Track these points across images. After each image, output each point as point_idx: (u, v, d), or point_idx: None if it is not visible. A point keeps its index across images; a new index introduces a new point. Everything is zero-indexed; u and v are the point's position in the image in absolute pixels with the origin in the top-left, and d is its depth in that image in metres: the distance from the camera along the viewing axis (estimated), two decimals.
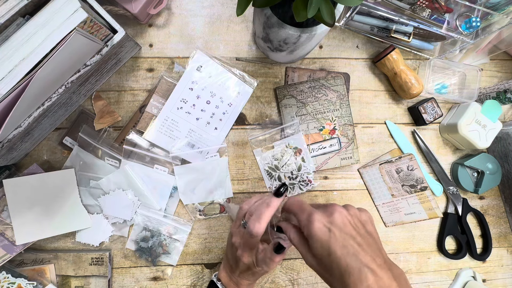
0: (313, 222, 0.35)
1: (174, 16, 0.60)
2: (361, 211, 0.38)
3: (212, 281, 0.49)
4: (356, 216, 0.37)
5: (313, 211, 0.36)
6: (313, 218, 0.35)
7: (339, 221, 0.35)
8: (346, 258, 0.32)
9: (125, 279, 0.58)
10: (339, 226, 0.35)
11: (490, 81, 0.66)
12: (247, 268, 0.44)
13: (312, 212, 0.36)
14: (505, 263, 0.65)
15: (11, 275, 0.53)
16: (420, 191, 0.61)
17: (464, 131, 0.59)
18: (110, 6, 0.50)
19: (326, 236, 0.34)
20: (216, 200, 0.59)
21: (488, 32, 0.54)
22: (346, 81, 0.62)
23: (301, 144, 0.60)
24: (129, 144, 0.56)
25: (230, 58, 0.61)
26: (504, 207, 0.66)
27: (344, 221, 0.35)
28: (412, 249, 0.63)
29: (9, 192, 0.53)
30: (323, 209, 0.37)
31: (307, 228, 0.36)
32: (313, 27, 0.46)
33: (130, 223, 0.57)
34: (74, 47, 0.43)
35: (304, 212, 0.37)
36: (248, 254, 0.43)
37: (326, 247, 0.34)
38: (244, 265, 0.44)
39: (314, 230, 0.35)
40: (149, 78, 0.59)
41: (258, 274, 0.46)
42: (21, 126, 0.46)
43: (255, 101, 0.61)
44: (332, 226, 0.35)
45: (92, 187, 0.56)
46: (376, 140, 0.63)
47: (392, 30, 0.58)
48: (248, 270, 0.45)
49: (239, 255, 0.44)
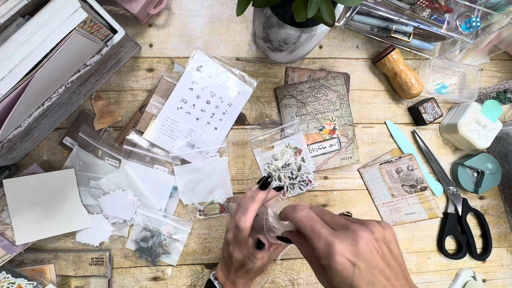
0: (334, 256, 0.29)
1: (174, 16, 0.60)
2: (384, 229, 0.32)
3: (209, 279, 0.49)
4: (383, 239, 0.31)
5: (332, 239, 0.30)
6: (333, 250, 0.29)
7: (366, 252, 0.29)
8: None
9: (125, 279, 0.58)
10: (366, 259, 0.29)
11: (490, 81, 0.66)
12: (241, 265, 0.44)
13: (332, 241, 0.30)
14: (505, 263, 0.65)
15: (11, 275, 0.53)
16: (420, 191, 0.61)
17: (464, 131, 0.59)
18: (110, 6, 0.50)
19: (350, 273, 0.29)
20: (216, 200, 0.59)
21: (488, 32, 0.54)
22: (346, 81, 0.62)
23: (301, 144, 0.60)
24: (129, 144, 0.56)
25: (230, 58, 0.61)
26: (504, 207, 0.66)
27: (372, 251, 0.30)
28: (412, 249, 0.63)
29: (9, 192, 0.53)
30: (344, 233, 0.31)
31: (326, 260, 0.30)
32: (313, 27, 0.46)
33: (130, 223, 0.57)
34: (74, 47, 0.43)
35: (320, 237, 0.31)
36: (238, 249, 0.43)
37: (348, 283, 0.29)
38: (237, 262, 0.44)
39: (335, 265, 0.29)
40: (149, 78, 0.59)
41: (253, 273, 0.45)
42: (21, 126, 0.46)
43: (255, 101, 0.61)
44: (357, 261, 0.29)
45: (92, 187, 0.56)
46: (376, 140, 0.63)
47: (392, 30, 0.58)
48: (242, 267, 0.45)
49: (231, 250, 0.44)
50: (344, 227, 0.31)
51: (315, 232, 0.31)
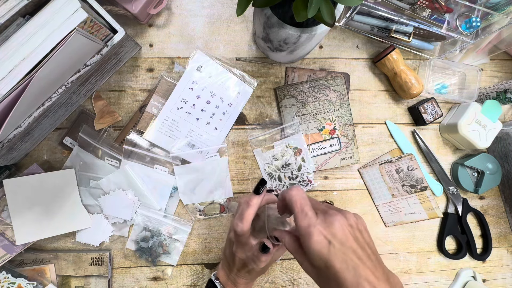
0: (313, 235, 0.33)
1: (174, 16, 0.60)
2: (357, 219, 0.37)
3: (210, 279, 0.49)
4: (356, 226, 0.36)
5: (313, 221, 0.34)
6: (312, 230, 0.34)
7: (340, 233, 0.33)
8: (344, 272, 0.32)
9: (125, 279, 0.58)
10: (340, 239, 0.33)
11: (490, 81, 0.66)
12: (243, 265, 0.45)
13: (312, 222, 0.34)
14: (505, 263, 0.65)
15: (11, 275, 0.53)
16: (420, 191, 0.61)
17: (464, 131, 0.59)
18: (110, 6, 0.50)
19: (325, 249, 0.33)
20: (216, 200, 0.59)
21: (488, 32, 0.54)
22: (346, 81, 0.62)
23: (301, 144, 0.60)
24: (129, 144, 0.56)
25: (230, 58, 0.61)
26: (504, 207, 0.66)
27: (346, 233, 0.34)
28: (412, 249, 0.63)
29: (9, 192, 0.53)
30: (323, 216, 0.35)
31: (306, 239, 0.34)
32: (313, 27, 0.46)
33: (130, 223, 0.57)
34: (74, 47, 0.43)
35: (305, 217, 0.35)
36: (241, 250, 0.44)
37: (324, 260, 0.33)
38: (239, 261, 0.45)
39: (313, 242, 0.33)
40: (149, 78, 0.59)
41: (254, 273, 0.46)
42: (21, 126, 0.46)
43: (255, 101, 0.61)
44: (332, 239, 0.33)
45: (92, 187, 0.56)
46: (376, 140, 0.63)
47: (392, 30, 0.58)
48: (244, 267, 0.45)
49: (234, 250, 0.44)
50: (324, 212, 0.36)
51: (303, 212, 0.35)
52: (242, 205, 0.42)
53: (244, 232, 0.41)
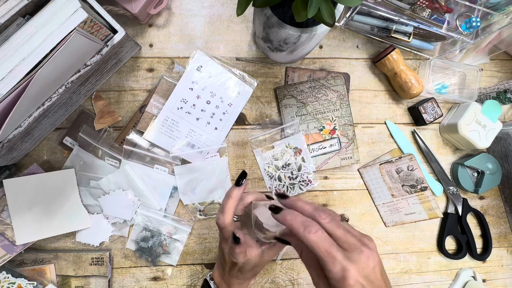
0: (348, 280, 0.31)
1: (174, 16, 0.60)
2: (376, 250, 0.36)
3: (205, 279, 0.49)
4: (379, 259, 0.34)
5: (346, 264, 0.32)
6: (348, 275, 0.31)
7: (373, 276, 0.32)
8: None
9: (125, 279, 0.58)
10: (372, 282, 0.32)
11: (490, 81, 0.66)
12: (233, 263, 0.44)
13: (346, 266, 0.31)
14: (505, 263, 0.65)
15: (11, 275, 0.53)
16: (420, 191, 0.61)
17: (464, 131, 0.59)
18: (110, 6, 0.50)
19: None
20: (216, 200, 0.59)
21: (488, 32, 0.54)
22: (346, 81, 0.62)
23: (301, 144, 0.60)
24: (129, 144, 0.56)
25: (230, 58, 0.61)
26: (504, 207, 0.66)
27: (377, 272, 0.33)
28: (412, 249, 0.63)
29: (9, 192, 0.53)
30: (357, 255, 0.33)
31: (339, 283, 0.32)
32: (313, 27, 0.46)
33: (130, 223, 0.57)
34: (74, 47, 0.43)
35: (335, 261, 0.32)
36: (226, 244, 0.44)
37: None
38: (228, 259, 0.44)
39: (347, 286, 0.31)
40: (149, 78, 0.59)
41: (246, 272, 0.45)
42: (21, 126, 0.46)
43: (255, 101, 0.61)
44: (367, 284, 0.32)
45: (92, 187, 0.56)
46: (376, 140, 0.63)
47: (392, 30, 0.58)
48: (235, 266, 0.45)
49: (221, 245, 0.45)
50: (356, 249, 0.33)
51: (331, 256, 0.32)
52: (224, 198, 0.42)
53: (225, 224, 0.41)
